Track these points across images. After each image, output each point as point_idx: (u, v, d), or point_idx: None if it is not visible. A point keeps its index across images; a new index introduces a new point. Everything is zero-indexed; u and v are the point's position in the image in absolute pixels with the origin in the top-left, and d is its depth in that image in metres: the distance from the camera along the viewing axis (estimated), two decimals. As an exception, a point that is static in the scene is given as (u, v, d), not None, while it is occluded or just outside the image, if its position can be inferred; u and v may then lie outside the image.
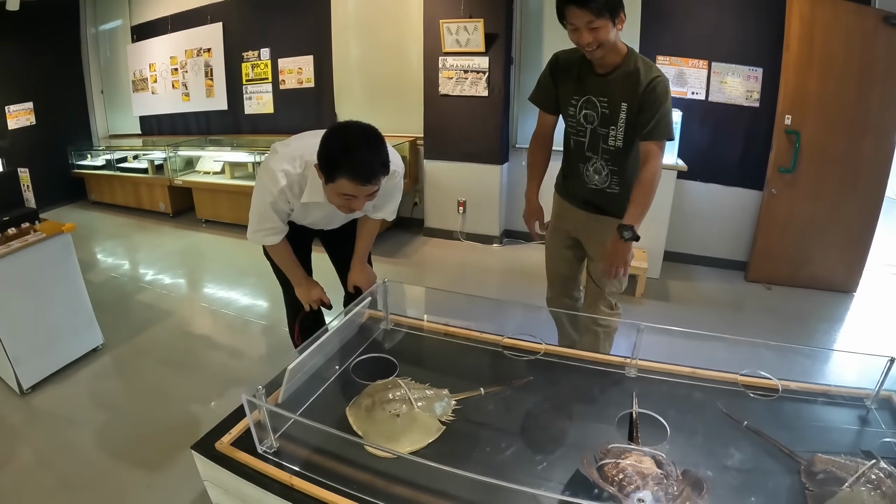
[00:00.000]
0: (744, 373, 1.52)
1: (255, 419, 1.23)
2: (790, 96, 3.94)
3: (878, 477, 1.06)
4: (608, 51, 1.95)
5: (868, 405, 1.42)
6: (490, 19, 4.44)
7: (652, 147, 2.00)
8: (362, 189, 1.63)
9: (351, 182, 1.61)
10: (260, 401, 1.19)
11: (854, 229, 4.12)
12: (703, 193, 4.37)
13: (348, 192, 1.65)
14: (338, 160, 1.61)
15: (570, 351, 1.71)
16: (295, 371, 1.33)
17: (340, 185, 1.63)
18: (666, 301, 3.91)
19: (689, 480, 1.04)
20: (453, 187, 5.05)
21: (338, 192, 1.67)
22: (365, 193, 1.67)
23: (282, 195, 1.90)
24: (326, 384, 1.50)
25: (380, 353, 1.68)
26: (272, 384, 1.34)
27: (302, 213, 2.05)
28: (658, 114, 1.95)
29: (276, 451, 1.24)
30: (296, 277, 2.18)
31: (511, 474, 1.17)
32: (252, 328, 3.60)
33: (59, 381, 2.95)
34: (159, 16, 6.51)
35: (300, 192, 1.91)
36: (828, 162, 3.99)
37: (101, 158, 6.86)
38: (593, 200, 2.25)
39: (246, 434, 1.30)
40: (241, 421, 1.32)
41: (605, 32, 1.87)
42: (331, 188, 1.68)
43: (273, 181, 1.87)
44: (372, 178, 1.62)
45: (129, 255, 5.13)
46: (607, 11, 1.84)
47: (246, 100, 6.13)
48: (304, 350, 1.38)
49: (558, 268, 2.52)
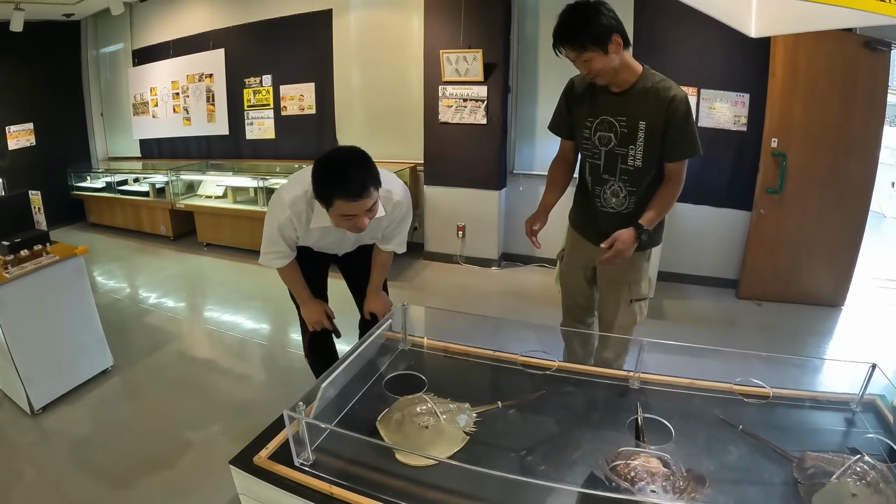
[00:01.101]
0: (738, 381, 1.63)
1: (293, 432, 1.32)
2: (776, 120, 4.12)
3: (862, 469, 1.17)
4: (614, 74, 1.98)
5: (853, 408, 1.54)
6: (488, 49, 4.60)
7: (679, 166, 2.06)
8: (358, 205, 1.73)
9: (345, 201, 1.71)
10: (300, 414, 1.29)
11: (840, 245, 4.28)
12: (694, 215, 4.52)
13: (347, 213, 1.76)
14: (328, 185, 1.73)
15: (579, 367, 1.83)
16: (328, 388, 1.43)
17: (338, 207, 1.74)
18: (662, 319, 4.03)
19: (692, 476, 1.15)
20: (453, 212, 5.18)
21: (338, 215, 1.78)
22: (363, 209, 1.76)
23: (289, 222, 2.01)
24: (354, 401, 1.60)
25: (400, 371, 1.78)
26: (305, 400, 1.44)
27: (312, 238, 2.14)
28: (685, 133, 1.99)
29: (313, 463, 1.33)
30: (302, 298, 2.29)
31: (532, 476, 1.27)
32: (259, 351, 3.68)
33: (70, 402, 3.00)
34: (161, 40, 6.65)
35: (307, 221, 2.01)
36: (813, 182, 4.16)
37: (101, 180, 6.95)
38: (606, 230, 2.16)
39: (281, 449, 1.39)
40: (278, 435, 1.42)
41: (598, 62, 1.91)
42: (332, 213, 1.79)
43: (282, 209, 1.99)
44: (363, 192, 1.72)
45: (132, 278, 5.19)
46: (592, 44, 1.87)
47: (247, 125, 6.25)
48: (336, 369, 1.48)
49: (574, 299, 2.51)
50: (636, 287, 2.29)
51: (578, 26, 1.88)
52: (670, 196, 2.10)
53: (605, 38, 1.88)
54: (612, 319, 2.35)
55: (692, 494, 1.10)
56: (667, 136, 2.00)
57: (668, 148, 2.03)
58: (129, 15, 6.68)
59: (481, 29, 4.61)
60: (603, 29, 1.87)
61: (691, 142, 2.02)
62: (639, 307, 2.32)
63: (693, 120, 2.02)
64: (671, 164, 2.07)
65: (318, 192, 1.78)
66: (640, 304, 2.31)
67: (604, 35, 1.88)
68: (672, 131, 1.99)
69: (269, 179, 5.50)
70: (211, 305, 4.51)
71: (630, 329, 2.32)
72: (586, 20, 1.87)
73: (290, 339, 3.82)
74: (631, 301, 2.29)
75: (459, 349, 1.92)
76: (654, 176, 2.12)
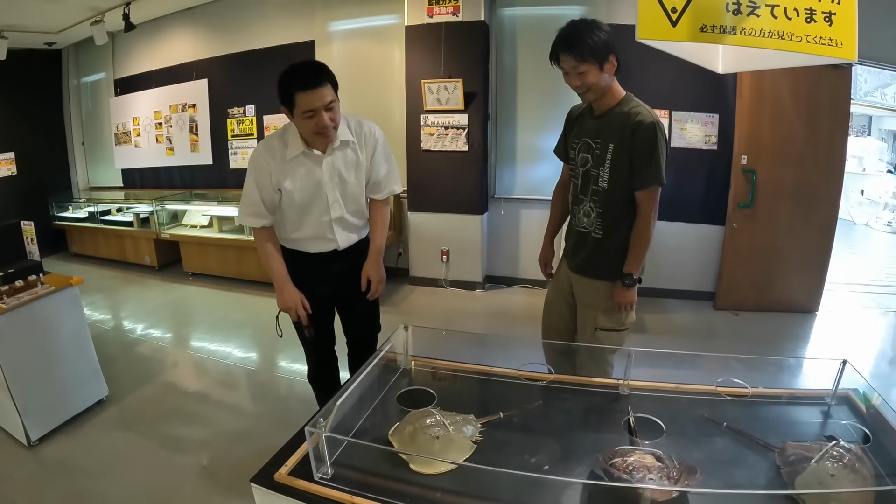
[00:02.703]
0: (719, 381, 1.75)
1: (312, 445, 1.41)
2: (745, 138, 4.33)
3: (839, 453, 1.31)
4: (601, 94, 2.08)
5: (828, 402, 1.69)
6: (468, 79, 4.76)
7: (643, 196, 2.10)
8: (316, 95, 1.93)
9: (304, 92, 1.91)
10: (320, 429, 1.38)
11: (812, 254, 4.48)
12: (670, 231, 4.69)
13: (309, 108, 1.94)
14: (288, 81, 1.95)
15: (573, 377, 1.95)
16: (342, 405, 1.53)
17: (299, 102, 1.93)
18: (643, 333, 4.17)
19: (684, 468, 1.27)
20: (437, 237, 5.28)
21: (302, 114, 1.96)
22: (323, 101, 1.95)
23: (264, 162, 2.14)
24: (364, 418, 1.69)
25: (409, 388, 1.87)
26: (322, 417, 1.53)
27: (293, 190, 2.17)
28: (650, 160, 2.02)
29: (332, 476, 1.41)
30: (279, 279, 2.22)
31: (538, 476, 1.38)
32: (252, 379, 3.71)
33: (68, 432, 2.99)
34: (144, 70, 6.70)
35: (280, 156, 2.13)
36: (783, 195, 4.36)
37: (84, 210, 6.92)
38: (579, 249, 2.30)
39: (300, 465, 1.46)
40: (297, 451, 1.50)
41: (592, 77, 2.00)
42: (297, 115, 1.98)
43: (256, 151, 2.19)
44: (317, 79, 1.94)
45: (119, 309, 5.19)
46: (591, 56, 1.97)
47: (231, 155, 6.32)
48: (348, 388, 1.58)
49: (552, 321, 2.53)
50: (602, 316, 2.27)
51: (582, 36, 1.97)
52: (640, 235, 2.15)
53: (604, 55, 2.00)
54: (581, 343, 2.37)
55: (685, 482, 1.22)
56: (632, 162, 2.06)
57: (634, 175, 2.08)
58: (112, 44, 6.72)
59: (461, 59, 4.78)
60: (604, 45, 1.99)
61: (654, 171, 2.04)
62: (606, 336, 2.27)
63: (660, 148, 2.03)
64: (638, 192, 2.11)
65: (281, 95, 1.98)
66: (608, 334, 2.27)
67: (603, 51, 1.99)
68: (636, 159, 2.05)
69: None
70: (201, 334, 4.53)
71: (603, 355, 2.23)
72: (590, 32, 1.98)
73: (281, 367, 3.86)
74: (595, 329, 2.28)
75: (459, 366, 2.02)
76: (624, 205, 2.16)
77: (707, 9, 1.50)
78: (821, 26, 1.51)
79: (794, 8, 1.50)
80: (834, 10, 1.54)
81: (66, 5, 5.20)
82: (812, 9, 1.52)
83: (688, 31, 1.53)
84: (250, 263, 5.53)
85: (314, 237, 2.30)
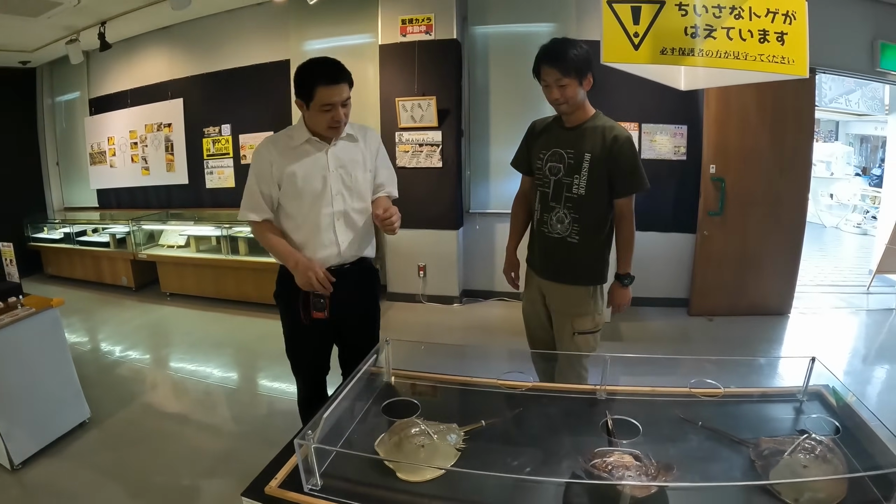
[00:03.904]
0: (692, 383, 1.82)
1: (302, 457, 1.44)
2: (713, 148, 4.47)
3: (811, 445, 1.37)
4: (576, 108, 2.25)
5: (800, 398, 1.76)
6: (442, 96, 4.85)
7: (625, 202, 2.31)
8: (337, 90, 2.00)
9: (326, 86, 1.98)
10: (308, 441, 1.42)
11: (782, 258, 4.62)
12: (642, 241, 4.71)
13: (327, 101, 1.99)
14: (311, 73, 2.00)
15: (551, 385, 2.01)
16: (329, 418, 1.56)
17: (319, 95, 1.99)
18: (619, 341, 4.25)
19: (662, 466, 1.33)
20: (413, 253, 5.34)
21: (319, 107, 2.01)
22: (342, 97, 2.02)
23: (266, 152, 2.15)
24: (350, 430, 1.73)
25: (392, 399, 1.91)
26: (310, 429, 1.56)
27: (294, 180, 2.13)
28: (634, 169, 2.24)
29: (321, 487, 1.44)
30: (290, 258, 2.14)
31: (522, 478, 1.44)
32: (233, 398, 3.71)
33: (51, 455, 2.96)
34: (119, 89, 6.68)
35: (284, 146, 2.16)
36: (751, 202, 4.51)
37: (59, 231, 6.83)
38: (553, 257, 2.41)
39: (289, 477, 1.49)
40: (286, 464, 1.53)
41: (572, 91, 2.17)
42: (313, 108, 2.03)
43: (261, 144, 2.20)
44: (340, 75, 2.01)
45: (97, 331, 5.13)
46: (574, 71, 2.15)
47: (207, 174, 6.31)
48: (334, 401, 1.62)
49: (536, 333, 2.64)
50: (580, 320, 2.41)
51: (567, 51, 2.15)
52: (630, 236, 2.37)
53: (584, 72, 2.18)
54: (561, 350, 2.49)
55: (663, 479, 1.28)
56: (613, 173, 2.24)
57: (618, 184, 2.26)
58: (87, 63, 6.71)
59: (434, 77, 4.87)
60: (585, 62, 2.17)
61: (640, 179, 2.26)
62: (584, 340, 2.42)
63: (638, 157, 2.28)
64: (620, 199, 2.30)
65: (300, 82, 2.03)
66: (585, 337, 2.43)
67: (584, 68, 2.17)
68: (619, 169, 2.23)
69: (232, 228, 5.55)
70: (181, 355, 4.50)
71: (580, 360, 2.40)
72: (575, 49, 2.16)
73: (263, 385, 3.87)
74: (574, 333, 2.42)
75: (440, 377, 2.06)
76: (600, 212, 2.32)
77: (667, 32, 1.60)
78: (774, 46, 1.62)
79: (748, 30, 1.60)
80: (786, 31, 1.64)
81: (41, 24, 5.18)
82: (765, 30, 1.63)
83: (649, 54, 1.63)
84: (228, 282, 5.52)
85: (314, 238, 2.19)
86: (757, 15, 1.60)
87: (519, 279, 2.68)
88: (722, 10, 1.60)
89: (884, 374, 3.87)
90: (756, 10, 1.60)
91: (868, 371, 3.93)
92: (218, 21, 5.92)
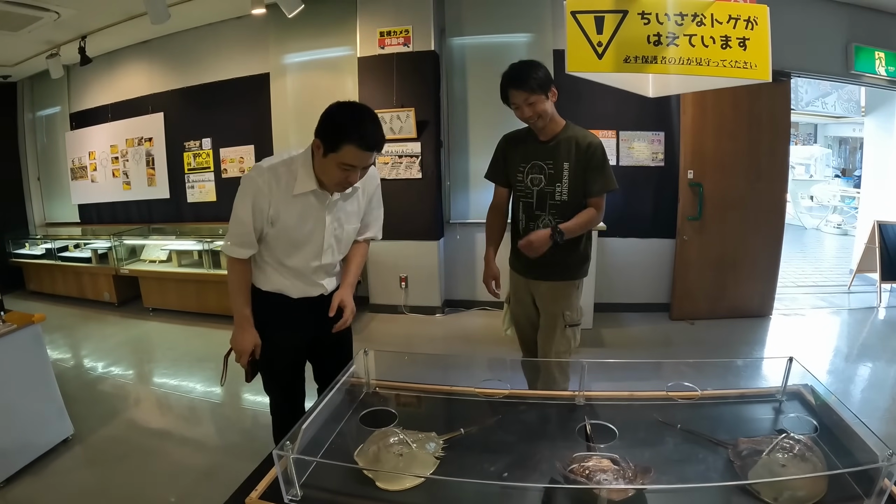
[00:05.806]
0: (669, 386, 1.84)
1: (281, 469, 1.44)
2: (690, 154, 4.52)
3: (789, 444, 1.38)
4: (548, 121, 2.40)
5: (778, 398, 1.79)
6: (420, 108, 4.89)
7: (598, 200, 2.48)
8: (364, 157, 1.82)
9: (357, 149, 1.79)
10: (287, 452, 1.42)
11: (762, 260, 4.68)
12: (623, 247, 4.86)
13: (350, 162, 1.82)
14: (347, 127, 1.78)
15: (529, 392, 2.04)
16: (308, 429, 1.57)
17: (344, 153, 1.79)
18: (601, 347, 4.28)
19: (639, 469, 1.34)
20: (395, 264, 5.34)
21: (339, 163, 1.82)
22: (364, 164, 1.86)
23: (266, 187, 1.94)
24: (329, 441, 1.73)
25: (371, 409, 1.91)
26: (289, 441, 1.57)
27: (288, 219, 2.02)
28: (603, 172, 2.43)
29: (301, 498, 1.45)
30: (241, 318, 2.10)
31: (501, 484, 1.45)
32: (217, 413, 3.69)
33: (34, 473, 2.92)
34: (99, 104, 6.65)
35: (287, 187, 1.96)
36: (729, 206, 4.57)
37: (41, 247, 6.76)
38: (541, 258, 2.45)
39: (269, 489, 1.49)
40: (266, 476, 1.52)
41: (541, 105, 2.34)
42: (332, 159, 1.82)
43: (259, 174, 1.95)
44: (375, 146, 1.83)
45: (79, 347, 5.08)
46: (539, 88, 2.31)
47: (188, 188, 6.29)
48: (312, 413, 1.63)
49: (527, 334, 2.78)
50: (569, 314, 2.59)
51: (528, 72, 2.32)
52: (589, 216, 2.47)
53: (548, 86, 2.35)
54: (548, 346, 2.63)
55: (641, 482, 1.29)
56: (587, 175, 2.43)
57: (589, 185, 2.45)
58: (67, 78, 6.67)
59: (413, 89, 4.91)
60: (546, 78, 2.35)
61: (609, 178, 2.46)
62: (572, 332, 2.61)
63: (608, 161, 2.46)
64: (594, 198, 2.48)
65: (330, 132, 1.81)
66: (573, 329, 2.61)
67: (546, 83, 2.34)
68: (591, 172, 2.43)
69: (214, 242, 5.53)
70: (164, 370, 4.46)
71: (566, 354, 2.61)
72: (535, 69, 2.34)
73: (246, 399, 3.84)
74: (566, 326, 2.59)
75: (419, 387, 2.06)
76: (577, 210, 2.48)
77: (630, 41, 1.64)
78: (736, 51, 1.66)
79: (710, 36, 1.65)
80: (748, 36, 1.69)
81: (21, 38, 5.16)
82: (727, 36, 1.67)
83: (613, 63, 1.67)
84: (210, 297, 5.49)
85: (298, 279, 2.17)
86: (719, 21, 1.64)
87: (500, 287, 2.73)
88: (684, 18, 1.64)
89: (866, 372, 3.93)
90: (718, 17, 1.64)
91: (850, 369, 3.99)
92: (198, 35, 5.93)
